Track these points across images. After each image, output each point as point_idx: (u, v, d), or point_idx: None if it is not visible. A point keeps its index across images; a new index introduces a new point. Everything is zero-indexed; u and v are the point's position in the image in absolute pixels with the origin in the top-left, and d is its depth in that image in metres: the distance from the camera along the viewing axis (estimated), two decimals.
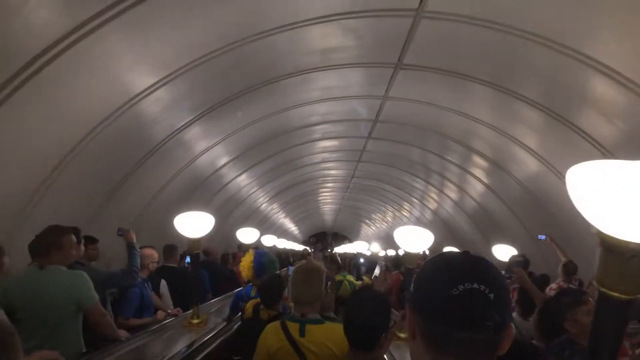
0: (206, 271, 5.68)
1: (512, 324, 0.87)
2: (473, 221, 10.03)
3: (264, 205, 13.01)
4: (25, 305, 2.63)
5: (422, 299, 0.89)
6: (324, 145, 9.41)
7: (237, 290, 4.50)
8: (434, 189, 10.97)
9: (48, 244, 2.78)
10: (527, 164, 6.37)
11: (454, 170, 8.93)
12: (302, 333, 2.25)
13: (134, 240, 3.75)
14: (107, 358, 2.96)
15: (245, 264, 3.87)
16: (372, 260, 9.80)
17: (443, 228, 11.85)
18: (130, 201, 5.40)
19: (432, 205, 12.20)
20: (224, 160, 7.24)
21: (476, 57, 4.78)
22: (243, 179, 9.08)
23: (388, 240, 18.01)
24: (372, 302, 1.90)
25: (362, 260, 12.17)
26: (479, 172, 8.19)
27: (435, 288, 0.87)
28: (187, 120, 5.06)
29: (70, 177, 3.95)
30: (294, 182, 12.10)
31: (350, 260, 12.57)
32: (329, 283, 2.77)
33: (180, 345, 3.44)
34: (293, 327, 2.27)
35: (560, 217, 6.12)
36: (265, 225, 14.80)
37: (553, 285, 4.66)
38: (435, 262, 0.93)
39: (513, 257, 5.04)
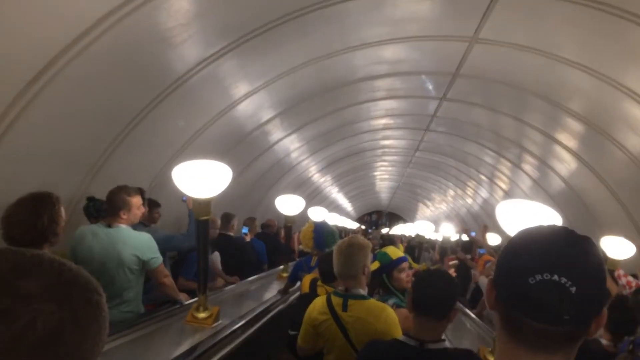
0: (263, 243, 5.95)
1: (601, 311, 0.81)
2: (558, 206, 8.16)
3: (315, 176, 11.86)
4: (92, 263, 2.68)
5: (500, 280, 0.86)
6: (387, 107, 8.01)
7: (296, 261, 4.59)
8: (507, 164, 9.24)
9: (117, 205, 2.84)
10: None
11: (536, 138, 7.19)
12: (344, 308, 2.26)
13: None
14: (168, 319, 2.96)
15: (306, 234, 3.85)
16: (442, 246, 8.61)
17: None
18: (145, 152, 4.38)
19: (504, 184, 10.52)
20: (268, 113, 6.06)
21: None
22: (292, 142, 7.89)
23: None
24: (443, 278, 1.97)
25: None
26: (570, 141, 6.44)
27: (513, 272, 0.83)
28: (218, 48, 3.91)
29: (54, 101, 2.93)
30: (349, 151, 10.79)
31: (409, 242, 11.57)
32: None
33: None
34: (337, 302, 2.29)
35: None
36: (317, 198, 13.71)
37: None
38: (521, 240, 0.87)
39: None
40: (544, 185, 8.39)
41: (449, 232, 7.92)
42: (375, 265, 2.78)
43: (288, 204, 4.90)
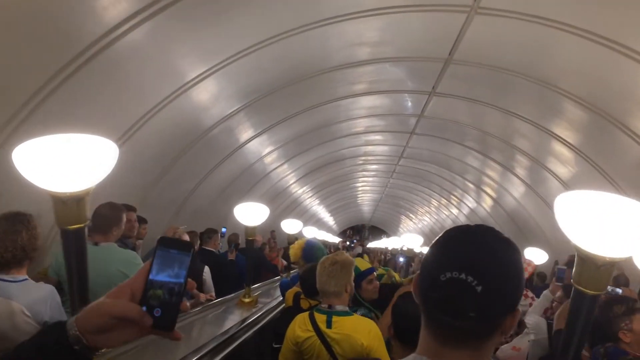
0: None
1: (514, 309, 0.85)
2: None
3: (293, 186, 10.93)
4: None
5: (420, 277, 0.91)
6: (369, 105, 7.18)
7: (282, 279, 4.62)
8: (497, 167, 8.41)
9: (109, 222, 2.88)
10: None
11: (530, 135, 6.35)
12: (329, 324, 2.27)
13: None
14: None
15: (296, 246, 3.83)
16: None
17: (509, 225, 9.31)
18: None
19: (492, 191, 9.72)
20: (230, 104, 5.11)
21: None
22: (263, 144, 6.98)
23: (432, 237, 15.60)
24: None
25: (401, 258, 10.60)
26: (571, 136, 5.62)
27: (428, 269, 0.88)
28: (148, 1, 2.97)
29: None
30: (329, 159, 9.94)
31: (392, 257, 10.84)
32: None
33: None
34: (320, 319, 2.30)
35: None
36: (296, 211, 12.78)
37: None
38: (443, 238, 0.92)
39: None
40: (539, 192, 7.60)
41: None
42: None
43: (248, 213, 3.87)
